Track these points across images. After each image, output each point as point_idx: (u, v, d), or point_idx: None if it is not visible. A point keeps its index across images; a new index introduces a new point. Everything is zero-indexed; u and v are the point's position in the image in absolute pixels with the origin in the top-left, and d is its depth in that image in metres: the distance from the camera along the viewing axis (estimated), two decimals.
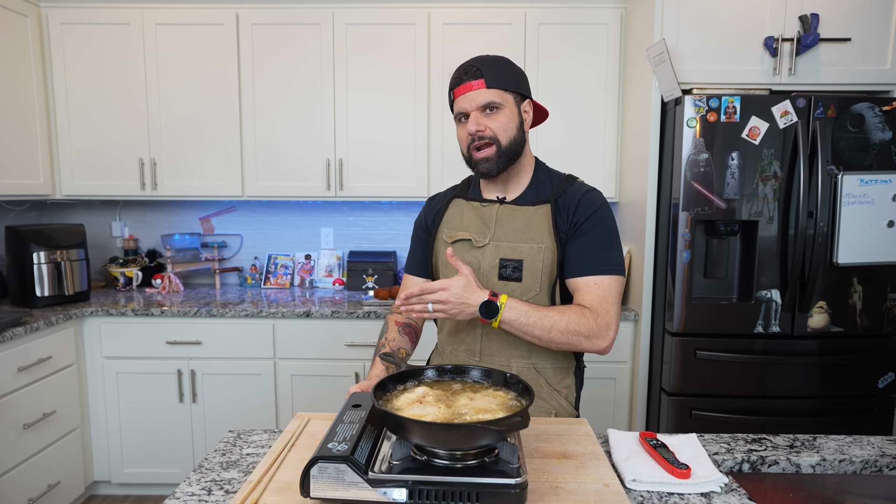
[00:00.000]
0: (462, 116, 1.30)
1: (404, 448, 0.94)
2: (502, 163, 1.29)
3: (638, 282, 2.55)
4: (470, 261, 1.33)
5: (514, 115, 1.30)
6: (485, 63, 1.28)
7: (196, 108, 2.81)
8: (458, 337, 1.39)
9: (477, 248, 1.33)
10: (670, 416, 2.32)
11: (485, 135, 1.27)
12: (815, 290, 2.23)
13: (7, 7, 2.55)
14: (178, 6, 2.75)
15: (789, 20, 2.30)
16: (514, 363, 1.33)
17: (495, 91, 1.27)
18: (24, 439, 2.27)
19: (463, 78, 1.28)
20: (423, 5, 2.75)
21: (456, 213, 1.39)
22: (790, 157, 2.21)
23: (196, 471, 1.08)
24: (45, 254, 2.63)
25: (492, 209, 1.35)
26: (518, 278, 1.30)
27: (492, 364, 1.34)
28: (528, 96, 1.34)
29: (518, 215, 1.33)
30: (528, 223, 1.31)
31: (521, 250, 1.30)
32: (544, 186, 1.37)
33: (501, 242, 1.32)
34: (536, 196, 1.35)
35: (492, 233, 1.33)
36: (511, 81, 1.29)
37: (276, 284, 3.13)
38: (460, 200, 1.41)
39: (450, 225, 1.39)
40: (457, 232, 1.36)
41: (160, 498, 2.72)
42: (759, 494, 1.14)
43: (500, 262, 1.31)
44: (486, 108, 1.27)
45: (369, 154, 2.82)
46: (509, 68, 1.31)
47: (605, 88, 2.77)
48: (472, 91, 1.27)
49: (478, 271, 1.32)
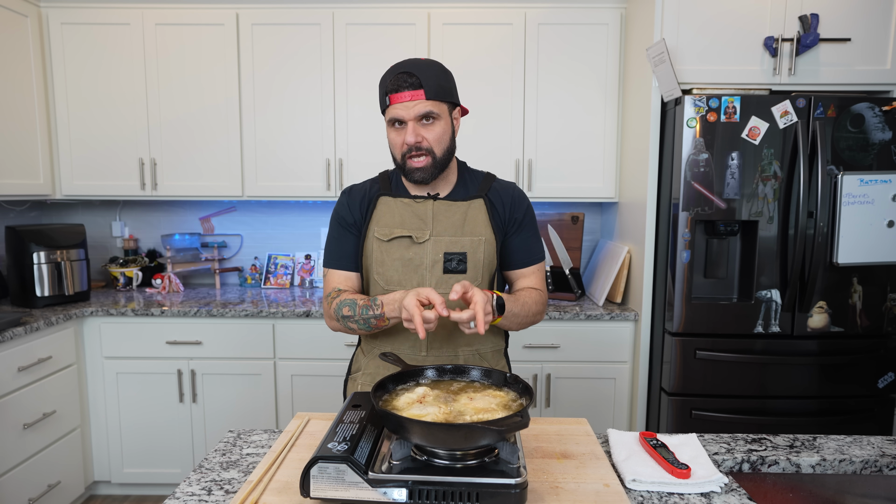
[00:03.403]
0: (396, 122, 1.31)
1: (404, 448, 0.94)
2: (436, 171, 1.33)
3: (638, 282, 2.55)
4: (411, 257, 1.35)
5: (448, 126, 1.33)
6: (422, 71, 1.28)
7: (196, 108, 2.81)
8: (399, 336, 1.39)
9: (418, 243, 1.35)
10: (670, 416, 2.32)
11: (422, 146, 1.29)
12: (815, 290, 2.23)
13: (7, 7, 2.55)
14: (178, 6, 2.75)
15: (789, 20, 2.30)
16: (461, 352, 1.39)
17: (433, 102, 1.28)
18: (25, 439, 2.27)
19: (401, 86, 1.27)
20: (423, 5, 2.75)
21: (385, 211, 1.38)
22: (790, 157, 2.21)
23: (196, 471, 1.09)
24: (45, 254, 2.63)
25: (426, 205, 1.37)
26: (463, 270, 1.35)
27: (438, 354, 1.38)
28: (458, 104, 1.38)
29: (454, 210, 1.37)
30: (465, 217, 1.37)
31: (463, 243, 1.35)
32: (470, 182, 1.43)
33: (442, 237, 1.35)
34: (466, 192, 1.41)
35: (430, 228, 1.36)
36: (447, 91, 1.31)
37: (276, 284, 3.13)
38: (388, 198, 1.39)
39: (381, 222, 1.37)
40: (393, 229, 1.36)
41: (160, 498, 2.72)
42: (759, 494, 1.14)
43: (444, 255, 1.34)
44: (424, 119, 1.29)
45: (369, 154, 2.82)
46: (445, 77, 1.32)
47: (605, 88, 2.77)
48: (410, 101, 1.27)
49: (420, 266, 1.35)
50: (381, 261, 1.37)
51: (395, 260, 1.36)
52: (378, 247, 1.37)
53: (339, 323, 1.34)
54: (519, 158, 2.81)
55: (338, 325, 1.36)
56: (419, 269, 1.35)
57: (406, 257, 1.35)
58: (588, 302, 2.77)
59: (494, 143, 2.80)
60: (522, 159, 2.81)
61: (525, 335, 2.56)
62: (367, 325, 1.30)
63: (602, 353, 2.57)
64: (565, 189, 2.83)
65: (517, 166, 2.82)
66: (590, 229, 3.21)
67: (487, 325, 1.17)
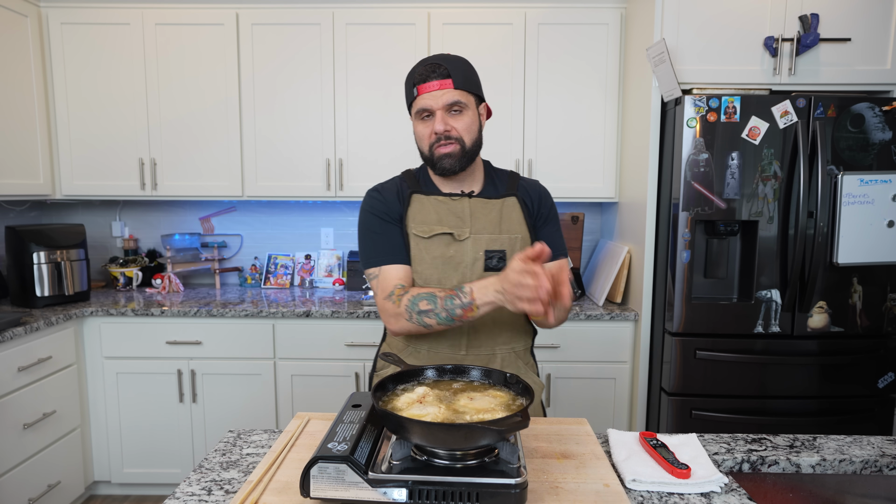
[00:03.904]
0: (425, 114, 1.31)
1: (404, 448, 0.94)
2: (464, 161, 1.33)
3: (638, 282, 2.55)
4: (452, 254, 1.34)
5: (475, 117, 1.34)
6: (450, 62, 1.30)
7: (196, 108, 2.81)
8: (439, 335, 1.36)
9: (458, 241, 1.34)
10: (670, 416, 2.32)
11: (451, 135, 1.30)
12: (815, 290, 2.23)
13: (7, 7, 2.55)
14: (178, 6, 2.75)
15: (789, 20, 2.30)
16: (499, 350, 1.38)
17: (461, 92, 1.29)
18: (24, 439, 2.27)
19: (430, 76, 1.28)
20: (423, 5, 2.75)
21: (419, 208, 1.36)
22: (790, 157, 2.21)
23: (196, 471, 1.08)
24: (45, 254, 2.63)
25: (463, 203, 1.36)
26: (503, 268, 1.32)
27: (478, 353, 1.37)
28: (484, 99, 1.39)
29: (490, 208, 1.37)
30: (501, 215, 1.37)
31: (503, 241, 1.35)
32: (498, 181, 1.43)
33: (481, 235, 1.35)
34: (496, 190, 1.41)
35: (469, 226, 1.35)
36: (474, 83, 1.33)
37: (276, 284, 3.13)
38: (420, 196, 1.37)
39: (417, 219, 1.35)
40: (432, 227, 1.34)
41: (160, 498, 2.72)
42: (759, 494, 1.14)
43: (485, 253, 1.34)
44: (452, 108, 1.29)
45: (369, 154, 2.82)
46: (471, 70, 1.34)
47: (605, 88, 2.77)
48: (439, 90, 1.28)
49: (460, 264, 1.34)
50: (419, 258, 1.34)
51: (436, 258, 1.33)
52: (416, 244, 1.34)
53: (410, 322, 1.26)
54: (519, 158, 2.81)
55: (408, 325, 1.27)
56: (459, 267, 1.33)
57: (447, 255, 1.33)
58: (588, 302, 2.77)
59: (494, 143, 2.80)
60: (522, 159, 2.81)
61: None
62: (450, 317, 1.22)
63: (602, 354, 2.57)
64: (565, 189, 2.83)
65: (517, 166, 2.82)
66: (590, 229, 3.21)
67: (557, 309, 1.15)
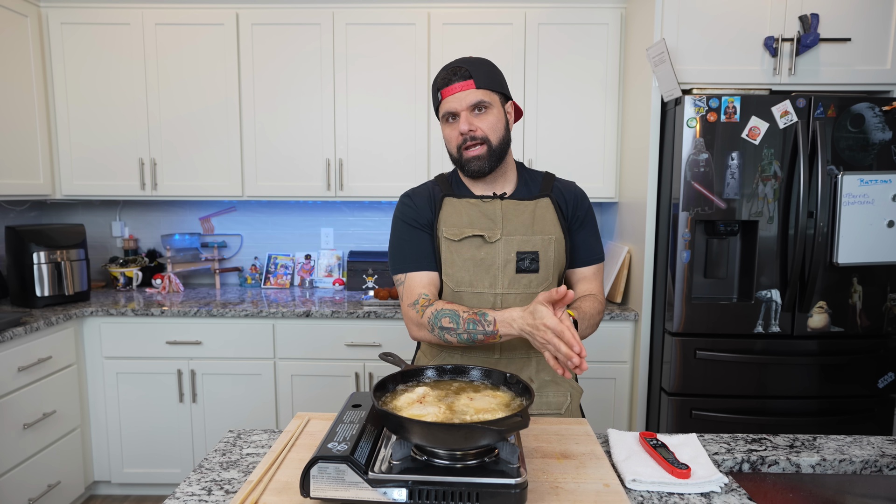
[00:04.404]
0: (450, 116, 1.32)
1: (404, 448, 0.94)
2: (493, 161, 1.32)
3: (638, 282, 2.55)
4: (483, 257, 1.33)
5: (501, 115, 1.33)
6: (471, 64, 1.30)
7: (196, 108, 2.81)
8: None
9: (489, 243, 1.34)
10: (670, 416, 2.32)
11: (476, 135, 1.30)
12: (815, 290, 2.23)
13: (7, 7, 2.55)
14: (178, 6, 2.75)
15: (789, 20, 2.30)
16: (534, 354, 1.37)
17: (484, 91, 1.29)
18: (24, 439, 2.27)
19: (452, 79, 1.29)
20: (423, 5, 2.75)
21: (451, 211, 1.37)
22: (790, 157, 2.21)
23: (196, 471, 1.08)
24: (45, 254, 2.63)
25: (494, 205, 1.36)
26: (535, 269, 1.33)
27: (512, 358, 1.36)
28: (510, 97, 1.38)
29: (522, 209, 1.36)
30: (534, 216, 1.35)
31: (535, 242, 1.34)
32: (531, 182, 1.42)
33: (513, 236, 1.34)
34: (529, 191, 1.40)
35: (501, 227, 1.34)
36: (497, 82, 1.32)
37: (276, 284, 3.13)
38: (452, 199, 1.38)
39: (448, 223, 1.36)
40: (463, 229, 1.34)
41: (160, 498, 2.72)
42: (759, 494, 1.14)
43: (516, 255, 1.33)
44: (476, 108, 1.30)
45: (369, 154, 2.82)
46: (494, 69, 1.34)
47: (606, 88, 2.77)
48: (461, 91, 1.28)
49: (492, 266, 1.33)
50: (450, 261, 1.35)
51: (466, 260, 1.34)
52: (448, 247, 1.35)
53: (432, 333, 1.28)
54: (519, 158, 2.81)
55: (429, 336, 1.29)
56: (491, 269, 1.33)
57: (478, 257, 1.33)
58: None
59: None
60: (522, 159, 2.81)
61: None
62: (471, 339, 1.23)
63: (602, 353, 2.57)
64: None
65: None
66: None
67: None
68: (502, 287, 1.33)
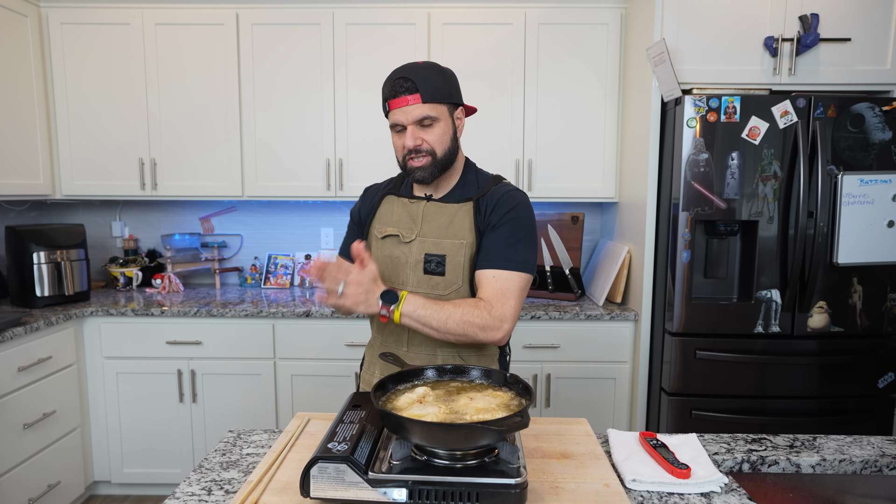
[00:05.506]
0: (398, 127, 1.32)
1: (404, 448, 0.94)
2: (437, 171, 1.34)
3: (638, 282, 2.55)
4: (398, 255, 1.38)
5: (448, 127, 1.33)
6: (418, 75, 1.28)
7: (196, 108, 2.81)
8: (388, 328, 1.42)
9: (404, 243, 1.38)
10: (670, 416, 2.32)
11: (421, 148, 1.31)
12: (815, 290, 2.23)
13: (7, 7, 2.55)
14: (178, 6, 2.75)
15: (789, 20, 2.30)
16: (440, 352, 1.38)
17: (431, 105, 1.28)
18: (24, 439, 2.27)
19: (398, 91, 1.28)
20: (423, 5, 2.75)
21: (387, 210, 1.44)
22: (790, 157, 2.21)
23: (196, 471, 1.09)
24: (45, 254, 2.63)
25: (419, 206, 1.40)
26: (441, 272, 1.35)
27: (418, 353, 1.38)
28: (461, 103, 1.37)
29: (443, 212, 1.38)
30: (452, 220, 1.37)
31: (444, 246, 1.35)
32: (470, 185, 1.41)
33: (427, 238, 1.37)
34: (461, 194, 1.40)
35: (418, 229, 1.38)
36: (445, 93, 1.31)
37: (276, 284, 3.13)
38: (392, 197, 1.45)
39: (381, 220, 1.44)
40: (386, 227, 1.41)
41: (160, 498, 2.72)
42: (759, 494, 1.14)
43: (424, 256, 1.36)
44: (422, 122, 1.29)
45: (369, 154, 2.82)
46: (443, 78, 1.31)
47: (605, 88, 2.77)
48: (407, 105, 1.28)
49: (405, 266, 1.37)
50: (375, 257, 1.41)
51: (385, 257, 1.40)
52: (374, 243, 1.44)
53: None
54: (519, 158, 2.81)
55: None
56: (403, 268, 1.38)
57: (394, 255, 1.39)
58: (588, 302, 2.77)
59: (494, 143, 2.80)
60: (522, 159, 2.81)
61: (525, 335, 2.56)
62: None
63: (602, 353, 2.57)
64: (565, 189, 2.83)
65: (517, 166, 2.82)
66: (590, 229, 3.21)
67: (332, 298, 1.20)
68: (411, 286, 1.36)
